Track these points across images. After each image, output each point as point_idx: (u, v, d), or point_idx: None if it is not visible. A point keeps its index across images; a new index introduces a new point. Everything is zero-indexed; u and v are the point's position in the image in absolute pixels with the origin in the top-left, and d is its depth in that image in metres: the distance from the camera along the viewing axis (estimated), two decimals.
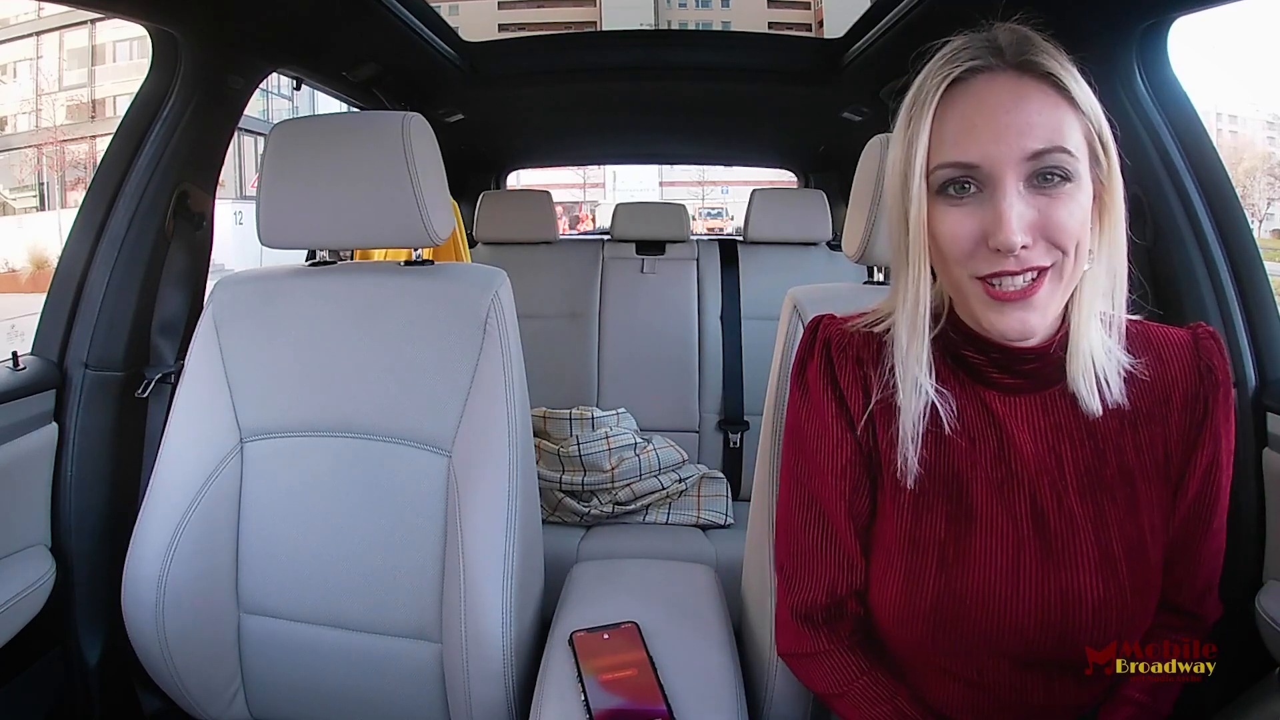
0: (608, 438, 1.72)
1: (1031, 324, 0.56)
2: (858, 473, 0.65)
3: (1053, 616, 0.60)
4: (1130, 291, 0.61)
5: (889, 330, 0.64)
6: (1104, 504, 0.61)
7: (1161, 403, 0.62)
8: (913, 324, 0.60)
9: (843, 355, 0.65)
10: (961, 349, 0.62)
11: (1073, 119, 0.54)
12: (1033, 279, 0.55)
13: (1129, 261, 0.60)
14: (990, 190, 0.54)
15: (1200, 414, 0.62)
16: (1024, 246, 0.53)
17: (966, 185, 0.55)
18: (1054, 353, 0.60)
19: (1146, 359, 0.61)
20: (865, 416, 0.64)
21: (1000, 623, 0.60)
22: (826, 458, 0.65)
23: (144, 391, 1.08)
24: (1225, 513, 0.64)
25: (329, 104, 1.79)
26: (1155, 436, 0.62)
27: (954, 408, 0.61)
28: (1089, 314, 0.59)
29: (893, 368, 0.62)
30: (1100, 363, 0.59)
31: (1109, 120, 0.56)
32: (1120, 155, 0.57)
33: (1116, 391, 0.59)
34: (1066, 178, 0.53)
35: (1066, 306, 0.59)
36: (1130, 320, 0.63)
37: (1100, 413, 0.60)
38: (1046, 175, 0.53)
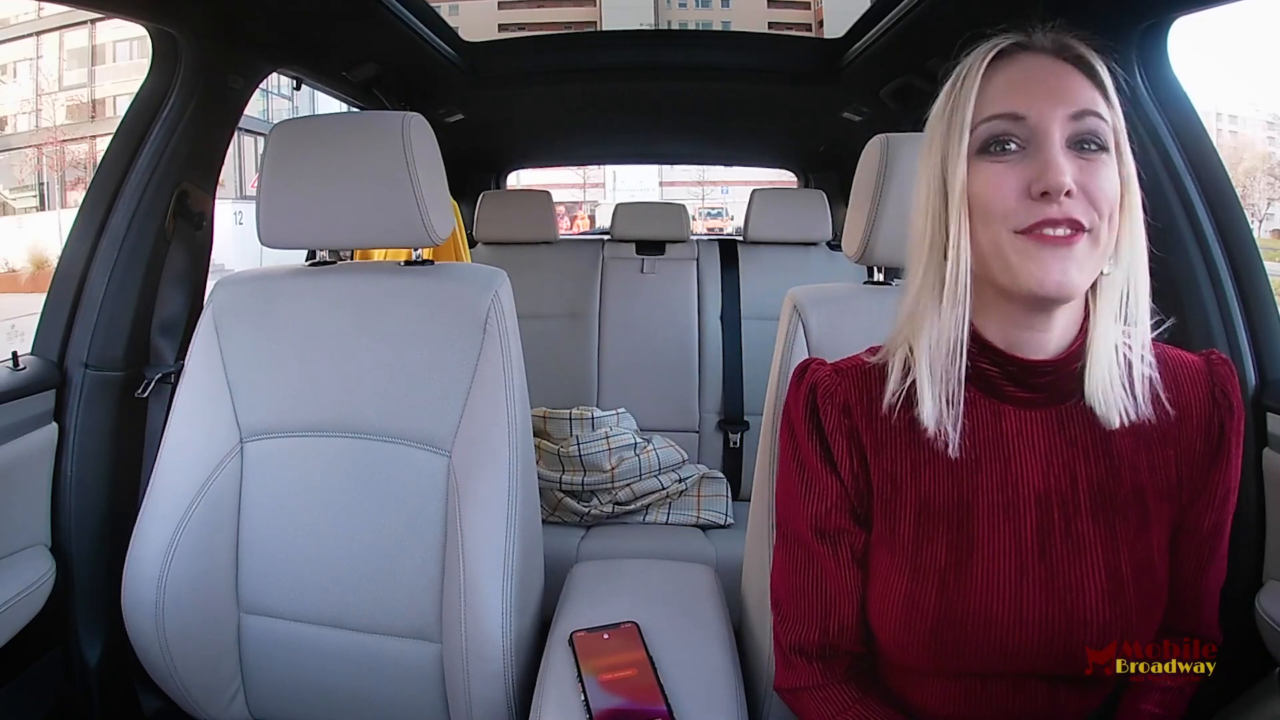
0: (608, 438, 1.72)
1: (1071, 275, 0.54)
2: (843, 519, 0.65)
3: (1056, 638, 0.60)
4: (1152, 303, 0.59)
5: (887, 363, 0.63)
6: (1115, 523, 0.60)
7: (1176, 424, 0.61)
8: (953, 294, 0.58)
9: (828, 402, 0.65)
10: (978, 361, 0.61)
11: (1104, 103, 0.56)
12: (1072, 232, 0.54)
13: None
14: (1035, 145, 0.55)
15: (1216, 439, 0.61)
16: (1068, 194, 0.53)
17: (1008, 145, 0.55)
18: (1069, 365, 0.59)
19: (1164, 379, 0.60)
20: (852, 461, 0.64)
21: (1003, 646, 0.60)
22: (814, 504, 0.66)
23: (144, 391, 1.08)
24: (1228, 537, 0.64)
25: (329, 104, 1.80)
26: (1169, 458, 0.61)
27: (955, 432, 0.60)
28: (1107, 323, 0.58)
29: (887, 399, 0.62)
30: (1119, 375, 0.58)
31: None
32: (1138, 166, 0.57)
33: (1137, 405, 0.58)
34: (1103, 147, 0.55)
35: (1085, 316, 0.59)
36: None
37: (1116, 426, 0.59)
38: (1085, 142, 0.54)
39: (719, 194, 17.02)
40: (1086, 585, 0.59)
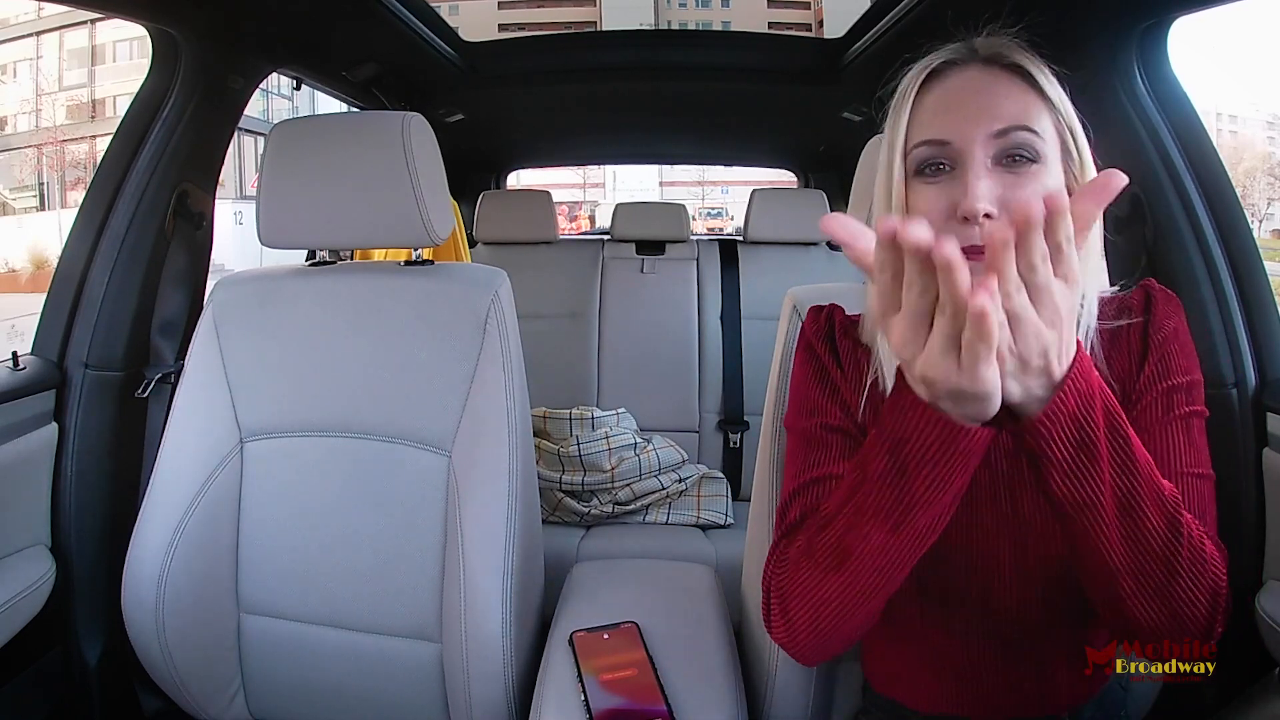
0: (608, 438, 1.72)
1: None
2: (855, 428, 0.66)
3: (1033, 581, 0.61)
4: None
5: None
6: None
7: (1119, 377, 0.62)
8: None
9: (844, 334, 0.69)
10: None
11: (1041, 107, 0.56)
12: None
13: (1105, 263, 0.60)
14: (960, 168, 0.56)
15: (1140, 340, 0.62)
16: (988, 215, 0.53)
17: (941, 166, 0.57)
18: None
19: (1105, 349, 0.62)
20: (860, 386, 0.66)
21: (985, 588, 0.62)
22: (835, 411, 0.67)
23: (144, 391, 1.08)
24: (1202, 441, 0.60)
25: (329, 104, 1.80)
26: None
27: None
28: None
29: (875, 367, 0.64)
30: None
31: (1083, 124, 0.58)
32: (1095, 159, 0.58)
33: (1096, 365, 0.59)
34: (1034, 158, 0.55)
35: None
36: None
37: None
38: (1014, 156, 0.55)
39: (719, 194, 17.05)
40: (1056, 533, 0.59)
